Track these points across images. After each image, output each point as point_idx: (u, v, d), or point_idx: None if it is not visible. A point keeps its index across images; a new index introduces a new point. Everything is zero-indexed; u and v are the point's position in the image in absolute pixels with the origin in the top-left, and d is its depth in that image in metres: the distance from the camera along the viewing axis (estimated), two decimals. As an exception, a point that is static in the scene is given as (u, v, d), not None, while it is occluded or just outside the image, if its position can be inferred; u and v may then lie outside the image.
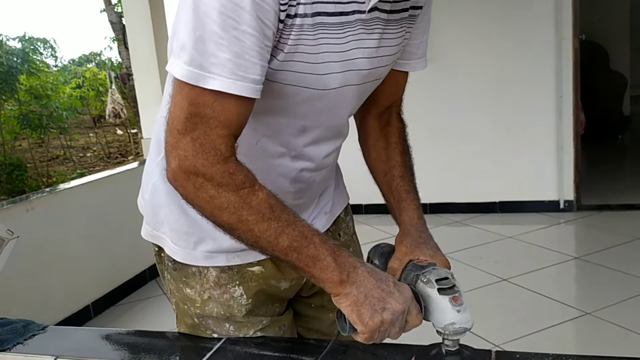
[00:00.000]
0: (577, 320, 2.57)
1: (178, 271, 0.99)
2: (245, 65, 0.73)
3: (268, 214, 0.77)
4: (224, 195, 0.75)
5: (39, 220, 2.83)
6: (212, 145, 0.74)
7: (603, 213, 4.09)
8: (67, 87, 9.67)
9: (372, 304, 0.77)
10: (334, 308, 1.11)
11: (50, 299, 2.85)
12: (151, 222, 1.02)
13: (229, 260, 0.96)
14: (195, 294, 0.97)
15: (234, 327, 0.98)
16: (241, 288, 0.97)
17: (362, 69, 0.86)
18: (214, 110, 0.74)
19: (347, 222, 1.17)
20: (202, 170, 0.75)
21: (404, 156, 1.04)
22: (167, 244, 0.99)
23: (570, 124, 4.07)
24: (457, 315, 0.79)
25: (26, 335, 1.04)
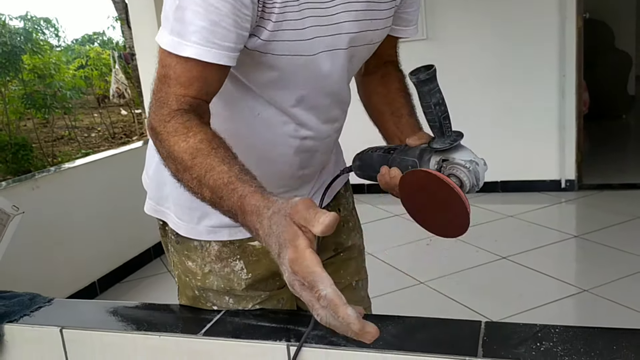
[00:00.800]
0: (574, 297, 2.60)
1: (180, 244, 1.02)
2: (222, 33, 0.75)
3: (189, 161, 0.74)
4: (161, 145, 0.78)
5: (44, 199, 2.87)
6: (165, 102, 0.78)
7: (604, 192, 4.10)
8: (70, 66, 9.65)
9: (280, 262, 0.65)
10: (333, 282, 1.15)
11: (57, 276, 2.90)
12: (155, 198, 1.05)
13: (231, 235, 0.99)
14: (196, 267, 1.00)
15: (234, 300, 1.01)
16: (242, 262, 1.00)
17: (350, 32, 0.87)
18: (175, 71, 0.77)
19: (347, 198, 1.20)
20: (153, 124, 0.79)
21: (407, 98, 1.05)
22: (171, 218, 1.02)
23: (573, 104, 4.06)
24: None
25: (32, 307, 1.07)
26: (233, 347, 0.90)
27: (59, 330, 0.98)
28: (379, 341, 0.85)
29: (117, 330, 0.96)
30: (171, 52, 0.76)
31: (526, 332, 0.83)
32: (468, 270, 2.88)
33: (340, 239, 1.15)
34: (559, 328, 0.83)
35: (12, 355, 1.03)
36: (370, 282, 1.27)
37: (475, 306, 2.54)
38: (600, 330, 0.82)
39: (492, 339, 0.82)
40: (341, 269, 1.16)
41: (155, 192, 1.04)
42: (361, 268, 1.23)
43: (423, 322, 0.90)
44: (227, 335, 0.92)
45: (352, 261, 1.18)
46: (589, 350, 0.77)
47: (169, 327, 0.95)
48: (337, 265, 1.16)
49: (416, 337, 0.87)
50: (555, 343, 0.80)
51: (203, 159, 0.73)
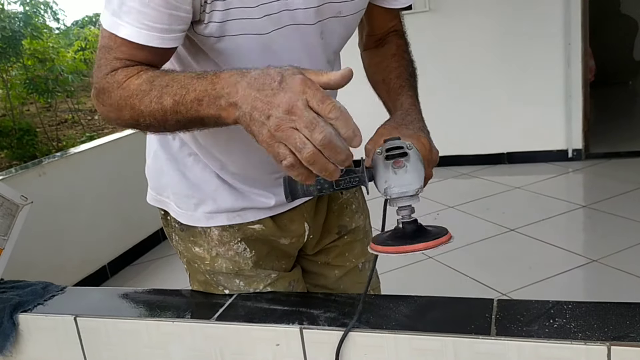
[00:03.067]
0: (583, 268, 2.60)
1: (185, 232, 1.02)
2: (151, 15, 0.74)
3: (147, 87, 0.75)
4: (114, 97, 0.78)
5: (51, 185, 2.88)
6: (106, 63, 0.79)
7: (612, 161, 4.07)
8: (70, 49, 9.59)
9: (258, 116, 0.64)
10: (339, 265, 1.16)
11: (68, 261, 2.92)
12: (155, 187, 1.05)
13: (230, 220, 0.99)
14: (204, 251, 1.01)
15: (244, 282, 1.01)
16: (243, 243, 1.00)
17: (309, 7, 0.82)
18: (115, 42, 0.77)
19: None
20: (97, 86, 0.80)
21: (402, 61, 1.01)
22: (172, 207, 1.02)
23: (579, 72, 4.01)
24: (395, 177, 0.75)
25: (46, 296, 1.08)
26: (246, 331, 0.91)
27: (73, 319, 0.99)
28: (392, 321, 0.85)
29: (131, 317, 0.97)
30: (109, 30, 0.77)
31: (539, 309, 0.83)
32: (476, 243, 2.88)
33: (343, 222, 1.15)
34: (571, 304, 0.83)
35: (28, 344, 1.04)
36: (379, 259, 1.27)
37: (484, 279, 2.55)
38: (613, 305, 0.82)
39: (505, 316, 0.82)
40: (346, 251, 1.16)
41: (155, 182, 1.05)
42: (366, 250, 1.21)
43: (435, 301, 0.90)
44: (239, 319, 0.92)
45: (358, 243, 1.18)
46: (602, 326, 0.77)
47: (182, 312, 0.96)
48: (342, 249, 1.16)
49: (428, 317, 0.88)
50: (568, 319, 0.79)
51: (160, 79, 0.75)
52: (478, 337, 0.79)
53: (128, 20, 0.75)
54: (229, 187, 0.97)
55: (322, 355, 0.86)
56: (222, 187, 0.97)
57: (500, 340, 0.78)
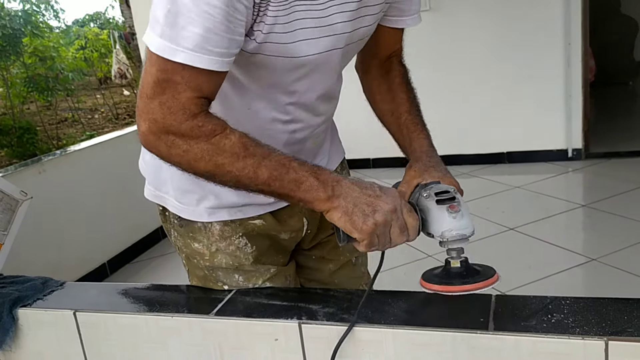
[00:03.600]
0: (583, 267, 2.61)
1: (184, 227, 1.02)
2: (215, 40, 0.74)
3: (242, 152, 0.79)
4: (197, 146, 0.79)
5: (51, 182, 2.88)
6: (180, 106, 0.77)
7: (611, 161, 4.07)
8: (71, 48, 9.60)
9: (361, 210, 0.80)
10: (333, 259, 1.16)
11: (67, 259, 2.92)
12: (153, 183, 1.05)
13: (231, 215, 0.99)
14: (203, 247, 1.01)
15: (243, 277, 1.02)
16: (245, 238, 1.01)
17: (344, 32, 0.87)
18: (182, 77, 0.76)
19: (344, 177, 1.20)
20: (172, 129, 0.78)
21: (409, 94, 1.06)
22: (171, 202, 1.02)
23: (579, 72, 4.01)
24: (453, 221, 0.81)
25: (45, 291, 1.08)
26: (245, 326, 0.91)
27: (72, 313, 1.00)
28: (390, 317, 0.86)
29: (130, 312, 0.97)
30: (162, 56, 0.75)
31: (537, 305, 0.84)
32: (476, 242, 2.86)
33: None
34: (569, 299, 0.83)
35: (28, 338, 1.05)
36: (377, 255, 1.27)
37: (483, 278, 2.55)
38: (611, 301, 0.82)
39: (503, 312, 0.83)
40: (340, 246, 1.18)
41: (153, 178, 1.05)
42: None
43: (433, 297, 0.90)
44: (238, 314, 0.93)
45: None
46: (600, 321, 0.77)
47: (181, 307, 0.96)
48: (335, 243, 1.16)
49: (427, 312, 0.88)
50: (566, 315, 0.80)
51: (255, 148, 0.80)
52: (476, 332, 0.79)
53: (187, 45, 0.74)
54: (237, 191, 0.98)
55: (320, 350, 0.86)
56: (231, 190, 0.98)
57: (498, 335, 0.78)
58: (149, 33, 0.77)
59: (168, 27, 0.74)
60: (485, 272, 0.81)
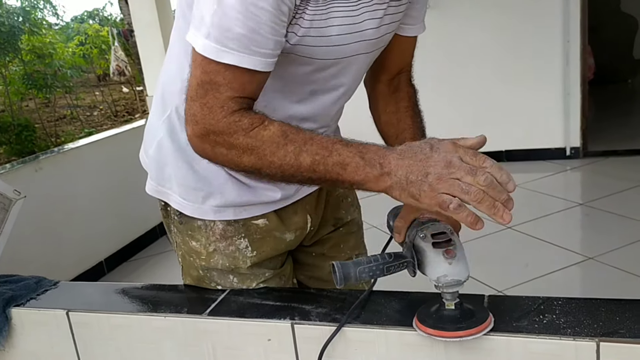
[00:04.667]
0: (580, 265, 2.61)
1: (184, 224, 1.02)
2: (259, 41, 0.75)
3: (282, 141, 0.78)
4: (237, 142, 0.79)
5: (48, 180, 2.88)
6: (219, 104, 0.77)
7: (609, 159, 4.08)
8: (70, 44, 9.58)
9: (415, 179, 0.72)
10: (333, 256, 1.16)
11: (64, 257, 2.92)
12: (156, 178, 1.04)
13: (236, 214, 0.99)
14: (200, 246, 1.01)
15: (238, 279, 1.01)
16: (246, 240, 1.00)
17: (372, 38, 0.88)
18: (225, 77, 0.77)
19: None
20: (212, 128, 0.78)
21: (415, 119, 1.05)
22: (174, 198, 1.01)
23: (578, 70, 4.01)
24: (449, 267, 0.80)
25: (39, 290, 1.08)
26: (238, 326, 0.91)
27: (65, 313, 0.99)
28: (382, 317, 0.86)
29: (123, 312, 0.97)
30: (208, 57, 0.75)
31: (529, 305, 0.84)
32: (474, 241, 2.87)
33: (339, 214, 1.17)
34: (562, 300, 0.83)
35: (21, 338, 1.05)
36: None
37: (481, 277, 2.55)
38: (603, 301, 0.82)
39: (496, 312, 0.82)
40: (341, 243, 1.18)
41: (156, 173, 1.04)
42: (360, 242, 1.24)
43: (427, 297, 0.90)
44: (232, 314, 0.93)
45: (352, 236, 1.20)
46: (591, 322, 0.77)
47: (174, 307, 0.96)
48: (336, 240, 1.18)
49: (420, 313, 0.88)
50: (558, 315, 0.80)
51: (296, 134, 0.78)
52: (468, 333, 0.79)
53: (233, 46, 0.74)
54: (237, 181, 0.98)
55: (313, 350, 0.86)
56: (231, 180, 0.97)
57: (490, 336, 0.78)
58: (194, 33, 0.77)
59: (214, 28, 0.74)
60: (479, 316, 0.80)
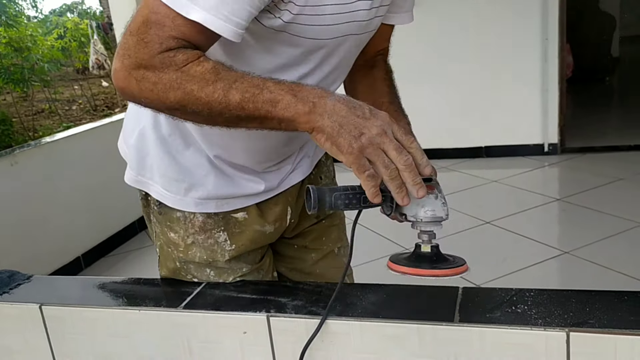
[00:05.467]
0: (556, 259, 2.65)
1: (163, 215, 1.01)
2: (234, 8, 0.72)
3: (212, 77, 0.75)
4: (166, 77, 0.75)
5: (24, 174, 2.83)
6: (158, 40, 0.74)
7: (586, 155, 4.14)
8: (49, 37, 9.43)
9: (348, 131, 0.73)
10: (316, 248, 1.16)
11: (40, 252, 2.88)
12: (136, 168, 1.02)
13: (218, 207, 0.98)
14: (178, 238, 1.00)
15: (215, 272, 1.01)
16: (225, 234, 1.00)
17: (363, 20, 0.87)
18: (174, 23, 0.73)
19: (328, 166, 1.21)
20: (144, 62, 0.74)
21: (391, 87, 1.06)
22: (155, 189, 1.00)
23: (556, 67, 4.06)
24: (428, 201, 0.79)
25: (11, 284, 1.07)
26: (213, 319, 0.90)
27: (38, 307, 0.98)
28: (358, 309, 0.86)
29: (97, 306, 0.96)
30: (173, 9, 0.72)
31: (502, 296, 0.84)
32: (452, 235, 2.91)
33: None
34: (533, 291, 0.85)
35: (-7, 332, 1.03)
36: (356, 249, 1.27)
37: (459, 271, 2.58)
38: (574, 293, 0.83)
39: (469, 304, 0.83)
40: (323, 235, 1.18)
41: (136, 163, 1.02)
42: (343, 235, 1.24)
43: (402, 290, 0.91)
44: (207, 307, 0.92)
45: (334, 228, 1.20)
46: (562, 313, 0.78)
47: (149, 301, 0.96)
48: (319, 232, 1.18)
49: (395, 305, 0.88)
50: (529, 306, 0.81)
51: (227, 72, 0.75)
52: (442, 324, 0.79)
53: (204, 5, 0.71)
54: (220, 173, 0.97)
55: (289, 342, 0.86)
56: (213, 172, 0.97)
57: (463, 327, 0.79)
58: None
59: None
60: (455, 261, 0.81)
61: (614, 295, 0.82)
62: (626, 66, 7.10)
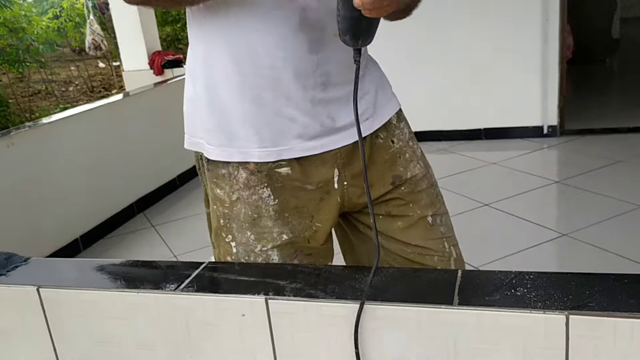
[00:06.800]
0: (554, 242, 2.65)
1: (210, 172, 1.03)
2: None
3: None
4: None
5: (21, 156, 2.82)
6: None
7: (586, 137, 4.13)
8: (44, 17, 9.32)
9: None
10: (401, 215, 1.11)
11: (38, 234, 2.88)
12: (187, 131, 1.06)
13: (260, 157, 0.99)
14: (224, 194, 1.01)
15: (255, 235, 1.01)
16: (269, 189, 1.00)
17: None
18: None
19: (401, 128, 1.14)
20: None
21: None
22: (201, 145, 1.03)
23: (556, 49, 4.03)
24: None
25: (9, 267, 1.06)
26: (212, 302, 0.90)
27: (35, 289, 0.98)
28: (357, 292, 0.86)
29: (94, 288, 0.95)
30: None
31: (501, 279, 0.84)
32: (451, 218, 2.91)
33: (397, 172, 1.11)
34: (533, 274, 0.84)
35: (-9, 315, 1.03)
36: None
37: (457, 253, 2.58)
38: (574, 276, 0.83)
39: (469, 287, 0.83)
40: (410, 202, 1.12)
41: (187, 126, 1.06)
42: (436, 200, 1.17)
43: (402, 273, 0.91)
44: (205, 290, 0.92)
45: (423, 193, 1.14)
46: (561, 296, 0.78)
47: (147, 283, 0.95)
48: (403, 199, 1.12)
49: (395, 288, 0.88)
50: (529, 289, 0.80)
51: None
52: (440, 307, 0.79)
53: None
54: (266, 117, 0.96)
55: (286, 325, 0.86)
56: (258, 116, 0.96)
57: (462, 310, 0.78)
58: None
59: None
60: None
61: (614, 278, 0.81)
62: (627, 48, 7.06)
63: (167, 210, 3.64)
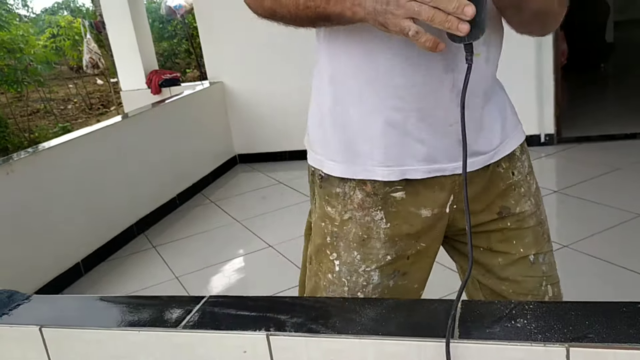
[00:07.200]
0: (555, 254, 2.64)
1: (323, 189, 1.04)
2: None
3: None
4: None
5: (20, 183, 2.82)
6: None
7: (583, 145, 4.13)
8: (42, 37, 9.37)
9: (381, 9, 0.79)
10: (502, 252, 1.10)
11: (40, 259, 2.88)
12: (309, 147, 1.08)
13: (384, 177, 0.99)
14: (335, 213, 1.02)
15: (361, 255, 1.02)
16: (382, 212, 1.01)
17: None
18: None
19: (523, 161, 1.14)
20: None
21: None
22: (323, 162, 1.04)
23: (551, 57, 4.04)
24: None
25: (11, 305, 1.07)
26: (213, 339, 0.90)
27: (38, 329, 0.98)
28: (357, 326, 0.86)
29: (96, 328, 0.96)
30: None
31: (501, 310, 0.84)
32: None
33: (507, 203, 1.09)
34: (532, 304, 0.84)
35: (-6, 355, 1.03)
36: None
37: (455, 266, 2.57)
38: (573, 305, 0.83)
39: (468, 318, 0.83)
40: (514, 238, 1.11)
41: (309, 143, 1.08)
42: (541, 239, 1.15)
43: (400, 304, 0.91)
44: (206, 326, 0.92)
45: (529, 231, 1.11)
46: (562, 327, 0.78)
47: (148, 321, 0.95)
48: (507, 234, 1.11)
49: (393, 321, 0.88)
50: (529, 320, 0.81)
51: None
52: (441, 340, 0.79)
53: None
54: (396, 138, 0.98)
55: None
56: (388, 136, 0.97)
57: (463, 343, 0.78)
58: None
59: None
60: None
61: (612, 306, 0.82)
62: (621, 52, 7.08)
63: (167, 230, 3.64)
